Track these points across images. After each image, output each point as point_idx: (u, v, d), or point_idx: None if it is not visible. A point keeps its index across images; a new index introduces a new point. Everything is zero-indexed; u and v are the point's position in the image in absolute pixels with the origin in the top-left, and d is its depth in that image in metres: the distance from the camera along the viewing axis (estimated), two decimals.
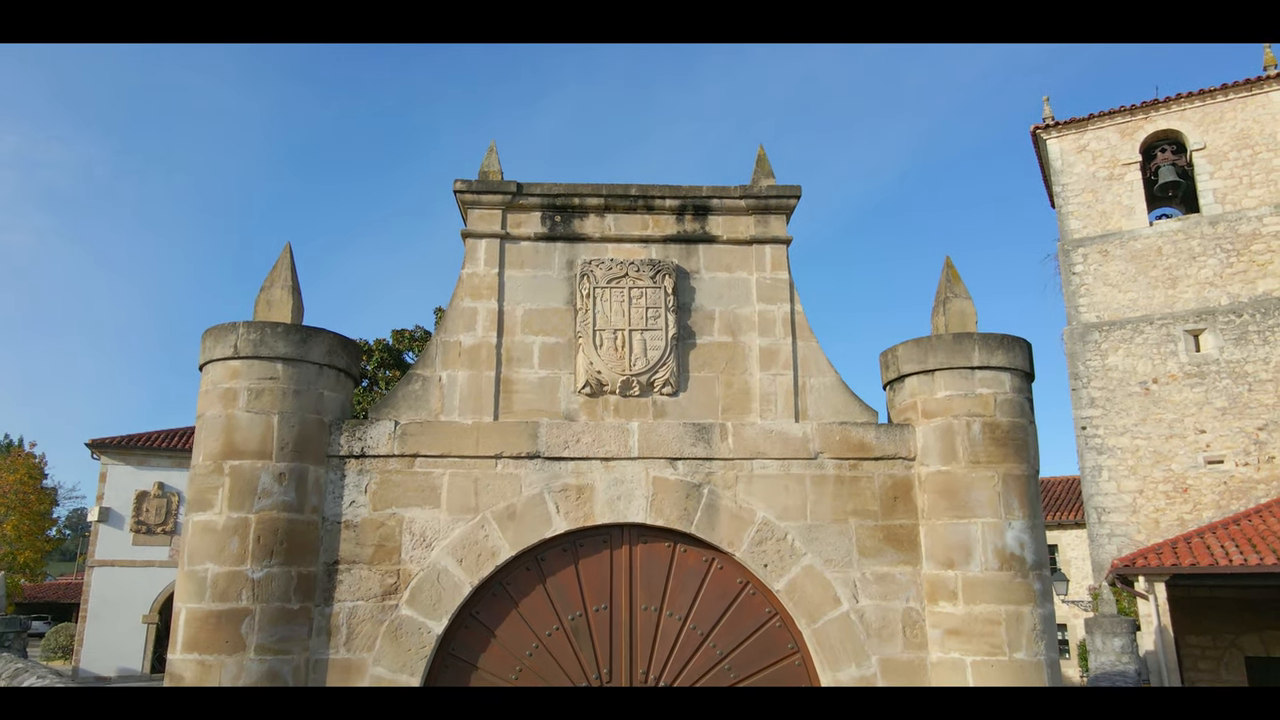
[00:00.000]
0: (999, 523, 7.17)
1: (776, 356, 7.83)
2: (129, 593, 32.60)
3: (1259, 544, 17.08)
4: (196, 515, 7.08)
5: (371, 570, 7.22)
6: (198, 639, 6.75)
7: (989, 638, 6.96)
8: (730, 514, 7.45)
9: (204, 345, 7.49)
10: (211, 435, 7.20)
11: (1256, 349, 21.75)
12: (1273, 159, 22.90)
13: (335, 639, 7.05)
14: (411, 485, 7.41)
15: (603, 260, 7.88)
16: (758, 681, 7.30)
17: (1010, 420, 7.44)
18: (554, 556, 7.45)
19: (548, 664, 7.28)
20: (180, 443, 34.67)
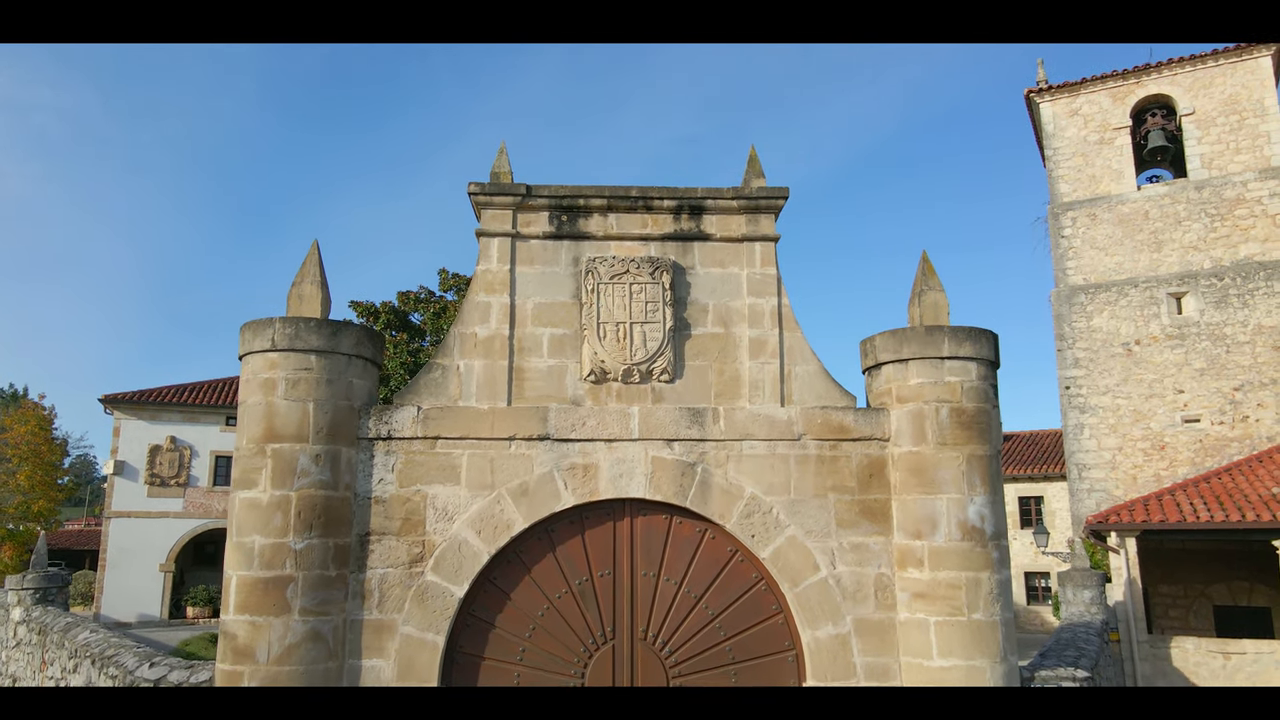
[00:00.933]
0: (962, 498, 8.00)
1: (765, 346, 8.58)
2: (145, 543, 33.78)
3: (1225, 501, 18.02)
4: (242, 493, 7.89)
5: (399, 541, 8.06)
6: (248, 602, 7.61)
7: (951, 600, 7.83)
8: (721, 490, 8.27)
9: (243, 338, 8.23)
10: (253, 420, 7.98)
11: (1236, 312, 22.47)
12: (1259, 125, 23.34)
13: (369, 602, 7.92)
14: (434, 464, 8.22)
15: (606, 258, 8.58)
16: (745, 638, 8.19)
17: (975, 406, 8.22)
18: (563, 528, 8.29)
19: (558, 623, 8.17)
20: (190, 398, 35.57)
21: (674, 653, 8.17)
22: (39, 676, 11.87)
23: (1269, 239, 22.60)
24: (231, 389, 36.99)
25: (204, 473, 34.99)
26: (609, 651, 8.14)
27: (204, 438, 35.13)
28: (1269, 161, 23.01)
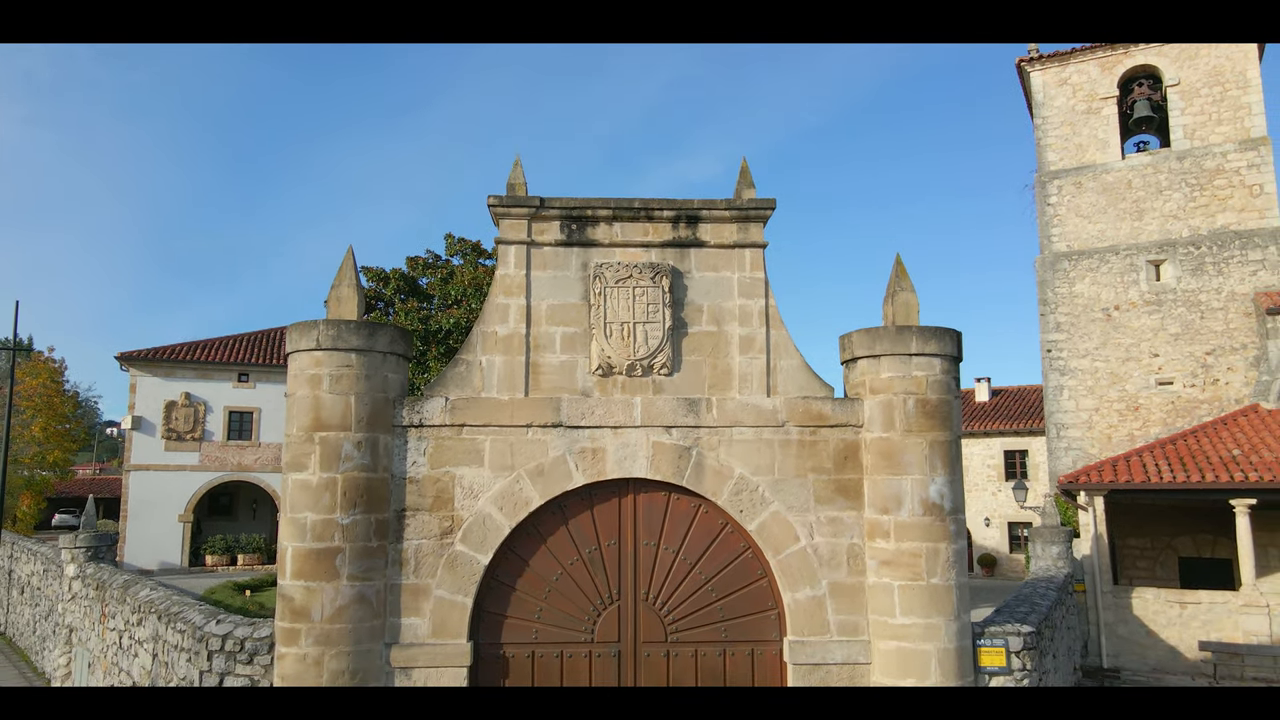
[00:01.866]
0: (925, 479, 9.14)
1: (753, 343, 9.64)
2: (164, 494, 35.15)
3: (1188, 462, 19.25)
4: (294, 475, 9.01)
5: (431, 516, 9.21)
6: (303, 570, 8.79)
7: (912, 567, 9.02)
8: (714, 470, 9.40)
9: (290, 337, 9.28)
10: (302, 411, 9.06)
11: (1211, 279, 23.46)
12: (1241, 96, 24.04)
13: (406, 568, 9.10)
14: (460, 449, 9.33)
15: (612, 263, 9.59)
16: (733, 599, 9.40)
17: (938, 397, 9.31)
18: (574, 504, 9.44)
19: (570, 586, 9.37)
20: (202, 355, 36.64)
21: (671, 611, 9.39)
22: (99, 627, 13.14)
23: (1245, 209, 23.48)
24: (241, 346, 38.07)
25: (218, 427, 36.21)
26: (615, 611, 9.35)
27: (217, 394, 36.26)
28: (1249, 133, 23.77)
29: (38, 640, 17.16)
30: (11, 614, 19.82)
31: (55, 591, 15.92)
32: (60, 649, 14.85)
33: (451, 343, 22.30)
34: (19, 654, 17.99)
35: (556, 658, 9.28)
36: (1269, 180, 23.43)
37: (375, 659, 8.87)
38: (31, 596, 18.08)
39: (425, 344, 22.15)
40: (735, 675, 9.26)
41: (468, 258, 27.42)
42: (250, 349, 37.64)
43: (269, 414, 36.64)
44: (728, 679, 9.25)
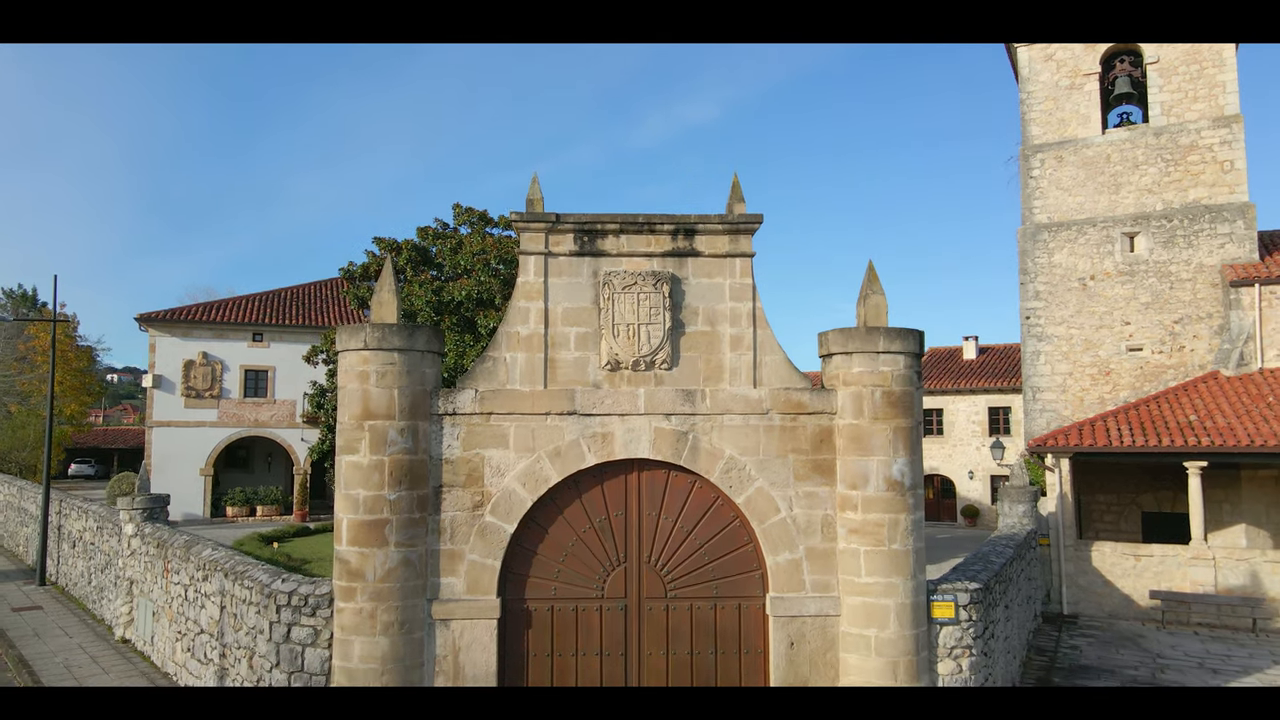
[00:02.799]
0: (888, 459, 10.64)
1: (742, 341, 11.06)
2: (185, 449, 36.85)
3: (1148, 427, 20.81)
4: (347, 457, 10.51)
5: (464, 491, 10.73)
6: (357, 538, 10.33)
7: (876, 535, 10.57)
8: (707, 452, 10.90)
9: (340, 338, 10.70)
10: (353, 402, 10.53)
11: (1181, 251, 24.77)
12: (1217, 74, 25.07)
13: (444, 536, 10.64)
14: (489, 434, 10.81)
15: (619, 272, 10.96)
16: (724, 561, 10.97)
17: (901, 389, 10.78)
18: (587, 481, 10.95)
19: (583, 551, 10.93)
20: (218, 315, 38.00)
21: (670, 572, 10.97)
22: (162, 581, 14.78)
23: (1216, 184, 24.69)
24: (254, 306, 39.40)
25: (235, 385, 37.75)
26: (621, 572, 10.93)
27: (233, 353, 37.73)
28: (1223, 110, 24.85)
29: (94, 590, 18.86)
30: (63, 565, 21.51)
31: (112, 547, 17.56)
32: (122, 599, 16.54)
33: (464, 312, 23.64)
34: (75, 602, 19.71)
35: (572, 611, 10.88)
36: (1239, 157, 24.59)
37: (419, 612, 10.47)
38: (85, 550, 19.75)
39: (439, 314, 23.48)
40: (724, 626, 10.88)
41: (475, 227, 28.61)
42: (263, 309, 38.97)
43: (282, 372, 38.15)
44: (718, 629, 10.88)
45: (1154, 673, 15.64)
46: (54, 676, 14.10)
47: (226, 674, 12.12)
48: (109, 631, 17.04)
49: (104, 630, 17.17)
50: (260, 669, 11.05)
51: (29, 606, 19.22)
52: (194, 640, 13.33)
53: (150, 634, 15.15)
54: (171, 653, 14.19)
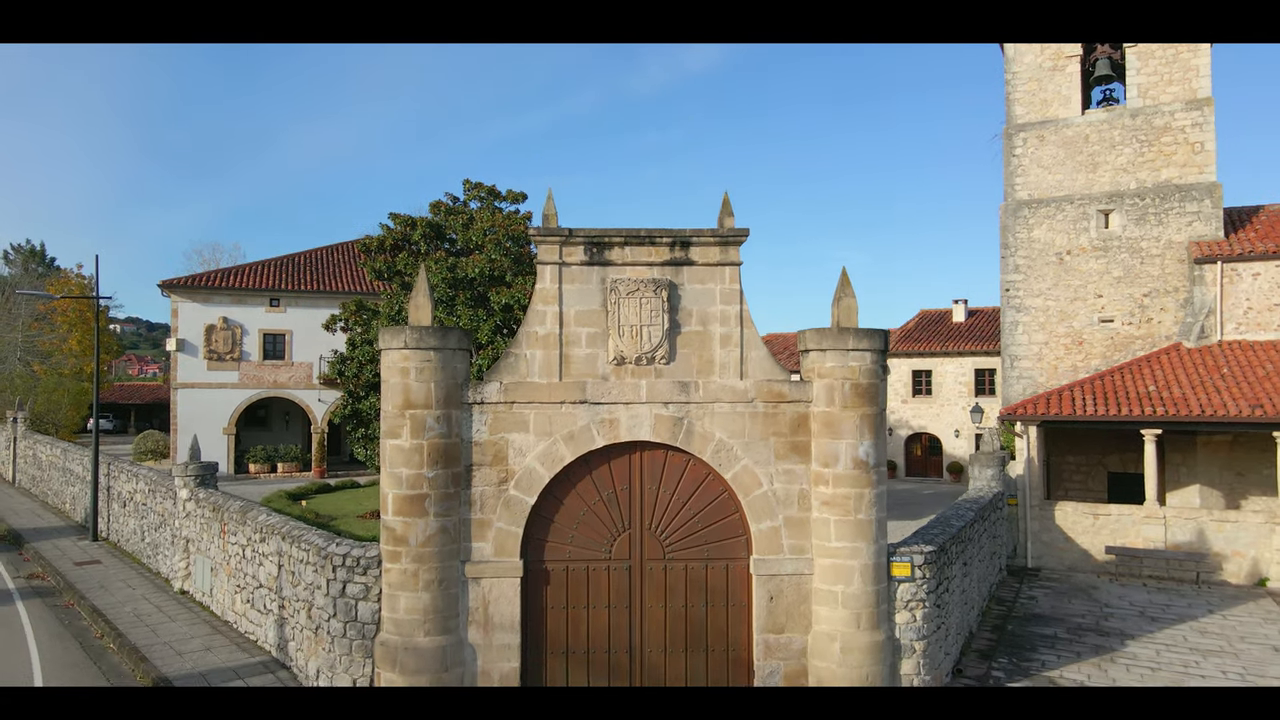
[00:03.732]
0: (856, 442, 12.40)
1: (730, 339, 12.75)
2: (209, 410, 38.72)
3: (1110, 397, 22.57)
4: (391, 440, 12.27)
5: (491, 469, 12.51)
6: (400, 509, 12.14)
7: (844, 506, 12.37)
8: (700, 435, 12.65)
9: (382, 338, 12.39)
10: (395, 394, 12.26)
11: (1152, 228, 26.28)
12: (1191, 59, 26.29)
13: (474, 508, 12.46)
14: (512, 420, 12.56)
15: (623, 279, 12.60)
16: (714, 528, 12.79)
17: (868, 382, 12.49)
18: (596, 460, 12.72)
19: (593, 519, 12.74)
20: (236, 281, 39.59)
21: (668, 537, 12.80)
22: (220, 540, 16.68)
23: (1187, 164, 26.09)
24: (271, 272, 40.93)
25: (254, 348, 39.48)
26: (626, 537, 12.76)
27: (252, 318, 39.39)
28: (1196, 93, 26.14)
29: (148, 547, 20.80)
30: (113, 523, 23.45)
31: (166, 509, 19.45)
32: (178, 555, 18.49)
33: (477, 288, 25.24)
34: (130, 557, 21.68)
35: (584, 570, 12.74)
36: (1210, 138, 25.96)
37: (454, 572, 12.32)
38: (136, 510, 21.65)
39: (454, 289, 25.05)
40: (714, 583, 12.75)
41: (484, 201, 30.07)
42: (279, 275, 40.52)
43: (299, 336, 39.86)
44: (709, 585, 12.75)
45: (1098, 620, 17.61)
46: (127, 624, 16.08)
47: (285, 623, 14.06)
48: (167, 584, 19.01)
49: (161, 583, 19.14)
50: (319, 619, 12.97)
51: (89, 561, 21.22)
52: (253, 593, 15.26)
53: (209, 587, 17.10)
54: (231, 603, 16.15)
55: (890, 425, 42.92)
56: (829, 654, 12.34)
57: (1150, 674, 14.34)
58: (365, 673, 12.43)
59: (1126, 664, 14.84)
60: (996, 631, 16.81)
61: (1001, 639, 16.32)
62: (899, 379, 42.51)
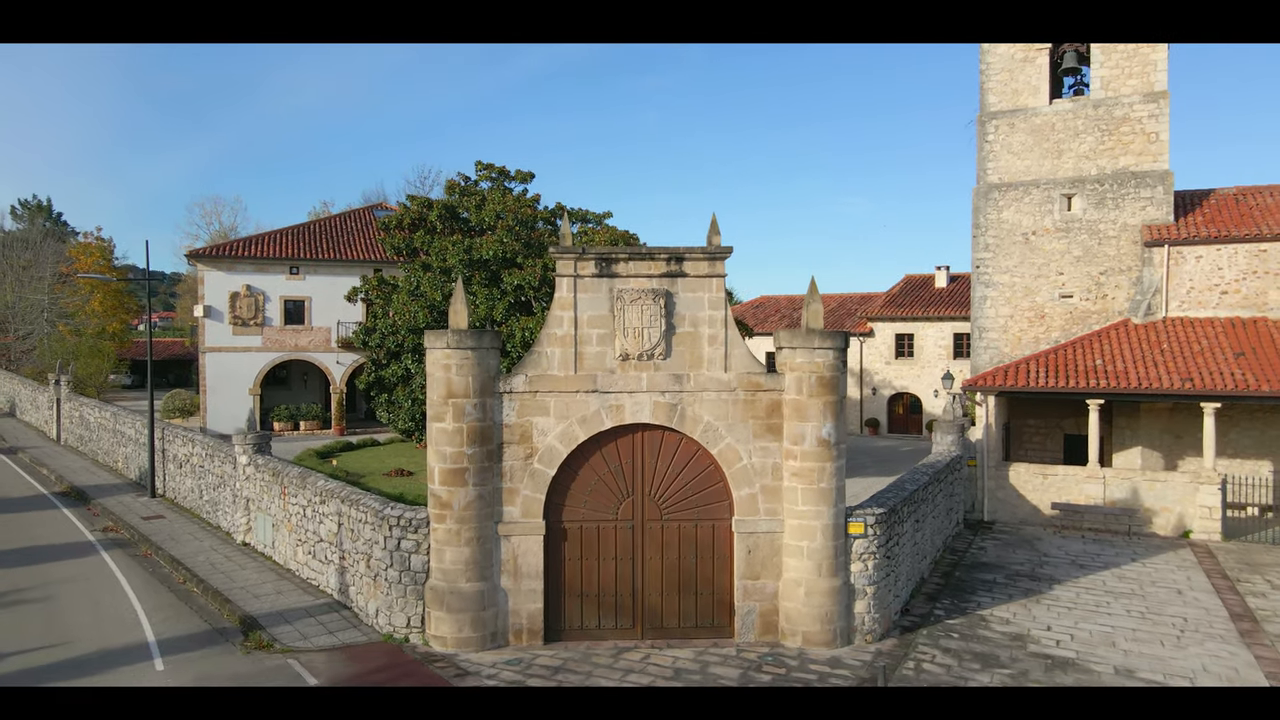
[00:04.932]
0: (819, 425, 15.05)
1: (716, 339, 15.31)
2: (234, 372, 41.34)
3: (1061, 370, 25.22)
4: (436, 424, 14.90)
5: (519, 447, 15.17)
6: (445, 480, 14.82)
7: (809, 477, 15.07)
8: (691, 418, 15.28)
9: (427, 339, 14.96)
10: (439, 385, 14.86)
11: (1110, 212, 28.65)
12: (1150, 54, 28.39)
13: (505, 479, 15.14)
14: (535, 405, 15.18)
15: (628, 289, 15.12)
16: (703, 494, 15.49)
17: (831, 375, 15.10)
18: (605, 438, 15.37)
19: (602, 487, 15.44)
20: (257, 250, 41.91)
21: (665, 501, 15.50)
22: (281, 501, 19.41)
23: (1143, 153, 28.37)
24: (289, 241, 43.21)
25: (276, 314, 41.96)
26: (630, 501, 15.47)
27: (273, 285, 41.80)
28: (1153, 86, 28.31)
29: (206, 504, 23.57)
30: (170, 482, 26.19)
31: (225, 471, 22.17)
32: (240, 513, 21.26)
33: (491, 268, 27.69)
34: (189, 513, 24.46)
35: (595, 529, 15.47)
36: (1164, 129, 28.21)
37: (489, 530, 15.05)
38: (193, 471, 24.38)
39: (470, 269, 27.51)
40: (702, 539, 15.50)
41: (495, 182, 32.40)
42: (298, 244, 42.82)
43: (317, 302, 42.35)
44: (698, 541, 15.50)
45: (1034, 568, 20.49)
46: (205, 571, 18.90)
47: (346, 571, 16.86)
48: (228, 537, 21.82)
49: (223, 536, 21.95)
50: (377, 568, 15.75)
51: (154, 516, 24.02)
52: (314, 546, 18.05)
53: (270, 540, 19.89)
54: (293, 554, 18.95)
55: (874, 385, 45.69)
56: (795, 596, 15.16)
57: (1066, 612, 17.21)
58: (417, 612, 15.25)
59: (1048, 604, 17.72)
60: (945, 577, 19.67)
61: (948, 584, 19.19)
62: (883, 342, 45.14)
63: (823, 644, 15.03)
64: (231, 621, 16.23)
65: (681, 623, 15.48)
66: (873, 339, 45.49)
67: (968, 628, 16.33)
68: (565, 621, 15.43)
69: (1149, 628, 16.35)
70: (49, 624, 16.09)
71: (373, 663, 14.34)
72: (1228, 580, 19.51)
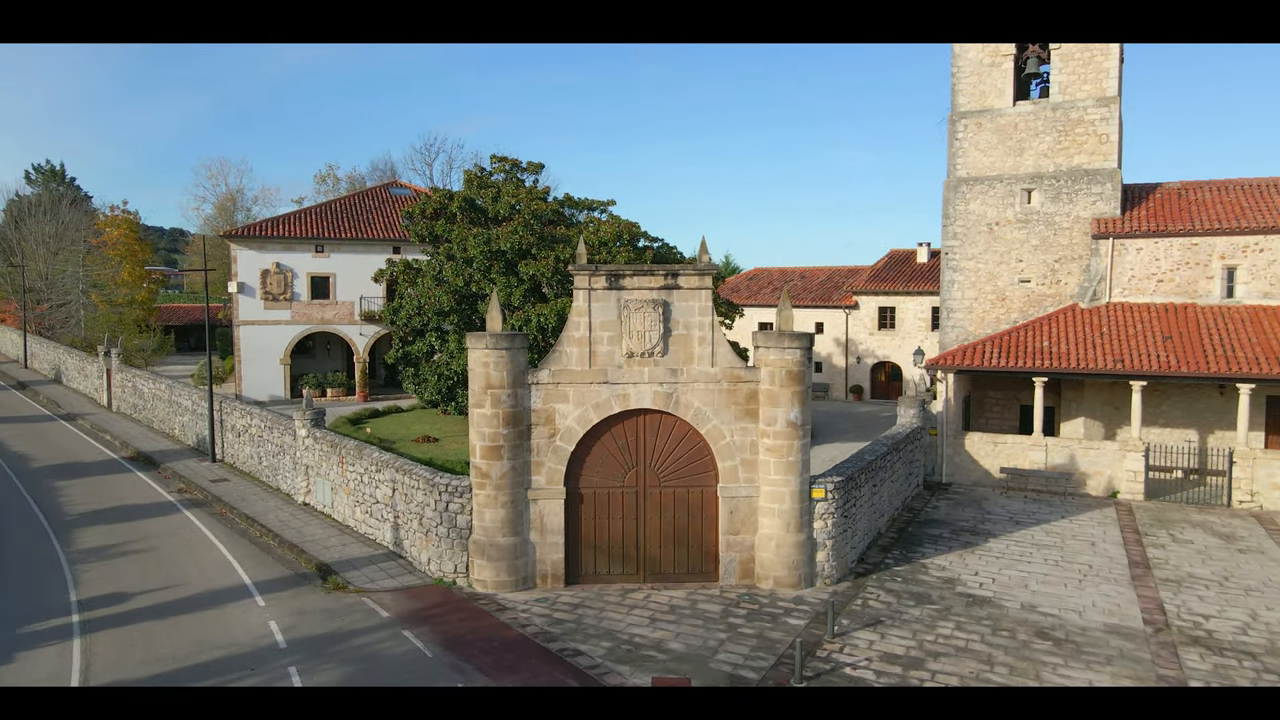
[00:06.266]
0: (788, 410, 18.53)
1: (705, 339, 18.73)
2: (266, 344, 44.77)
3: (1013, 351, 28.64)
4: (477, 410, 18.39)
5: (544, 428, 18.68)
6: (485, 455, 18.36)
7: (780, 452, 18.59)
8: (684, 404, 18.76)
9: (469, 340, 18.40)
10: (479, 378, 18.33)
11: (1064, 205, 31.84)
12: (1103, 61, 31.35)
13: (533, 454, 18.67)
14: (557, 394, 18.65)
15: (633, 299, 18.49)
16: (694, 465, 19.02)
17: (798, 369, 18.55)
18: (614, 421, 18.86)
19: (611, 460, 18.97)
20: (285, 230, 45.05)
21: (662, 471, 19.04)
22: (339, 468, 22.95)
23: (1094, 153, 31.49)
24: (314, 220, 46.31)
25: (303, 289, 45.26)
26: (634, 471, 19.01)
27: (301, 262, 45.03)
28: (1105, 91, 31.33)
29: (266, 469, 27.17)
30: (229, 449, 29.80)
31: (285, 440, 25.71)
32: (300, 477, 24.86)
33: (508, 258, 30.93)
34: (249, 477, 28.05)
35: (605, 493, 19.01)
36: (1113, 131, 31.29)
37: (521, 495, 18.60)
38: (252, 439, 27.93)
39: (490, 260, 30.73)
40: (693, 502, 19.05)
41: (509, 174, 35.53)
42: (323, 224, 45.95)
43: (341, 278, 45.62)
44: (689, 504, 19.05)
45: (977, 524, 24.13)
46: (277, 527, 22.52)
47: (400, 527, 20.47)
48: (289, 499, 25.44)
49: (284, 498, 25.58)
50: (428, 525, 19.35)
51: (219, 479, 27.64)
52: (370, 507, 21.65)
53: (329, 501, 23.51)
54: (351, 514, 22.57)
55: (859, 354, 49.15)
56: (768, 548, 18.77)
57: (994, 560, 20.86)
58: (462, 560, 18.88)
59: (981, 554, 21.37)
60: (900, 532, 23.32)
61: (901, 537, 22.84)
62: (867, 314, 48.50)
63: (789, 586, 18.68)
64: (309, 568, 19.88)
65: (676, 569, 19.10)
66: (858, 311, 48.84)
67: (910, 573, 19.99)
68: (582, 568, 19.05)
69: (1059, 573, 20.00)
70: (161, 570, 19.73)
71: (430, 600, 18.00)
72: (1137, 534, 23.16)
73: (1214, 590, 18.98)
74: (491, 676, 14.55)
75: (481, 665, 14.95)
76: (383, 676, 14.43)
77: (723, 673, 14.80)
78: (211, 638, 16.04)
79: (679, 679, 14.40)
